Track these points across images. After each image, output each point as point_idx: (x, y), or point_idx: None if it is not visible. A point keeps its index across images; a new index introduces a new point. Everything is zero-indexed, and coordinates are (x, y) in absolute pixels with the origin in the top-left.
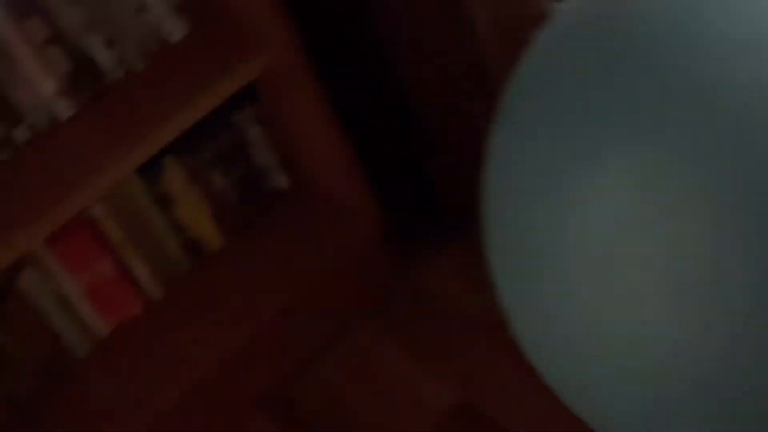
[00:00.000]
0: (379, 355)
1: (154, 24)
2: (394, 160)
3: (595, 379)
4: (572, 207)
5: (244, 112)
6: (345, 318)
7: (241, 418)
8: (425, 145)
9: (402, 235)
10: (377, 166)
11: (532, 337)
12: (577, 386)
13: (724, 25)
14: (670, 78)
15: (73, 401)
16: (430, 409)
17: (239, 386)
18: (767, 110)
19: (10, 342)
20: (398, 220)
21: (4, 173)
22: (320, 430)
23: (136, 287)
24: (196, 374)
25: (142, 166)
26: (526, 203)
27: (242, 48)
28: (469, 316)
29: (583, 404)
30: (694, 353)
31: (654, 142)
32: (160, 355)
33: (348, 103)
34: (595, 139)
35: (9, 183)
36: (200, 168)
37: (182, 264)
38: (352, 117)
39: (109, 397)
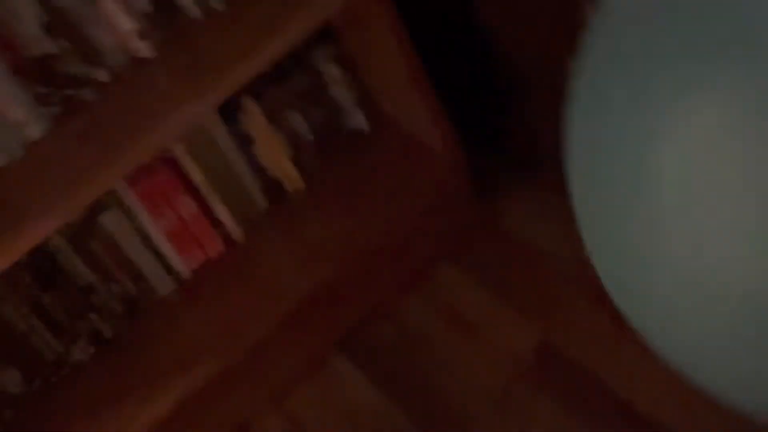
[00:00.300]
0: (460, 296)
1: None
2: (477, 100)
3: (682, 318)
4: (661, 141)
5: (322, 51)
6: (427, 259)
7: (321, 357)
8: (509, 85)
9: (485, 175)
10: (459, 106)
11: (615, 278)
12: (661, 326)
13: None
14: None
15: (156, 338)
16: (512, 350)
17: (319, 326)
18: None
19: (95, 281)
20: (481, 160)
21: (86, 113)
22: (399, 371)
23: (217, 227)
24: (276, 313)
25: (222, 106)
26: (613, 138)
27: None
28: (551, 258)
29: (670, 347)
30: None
31: (758, 70)
32: (240, 294)
33: (430, 42)
34: (690, 70)
35: (91, 122)
36: (279, 108)
37: (263, 204)
38: (433, 56)
39: (191, 334)
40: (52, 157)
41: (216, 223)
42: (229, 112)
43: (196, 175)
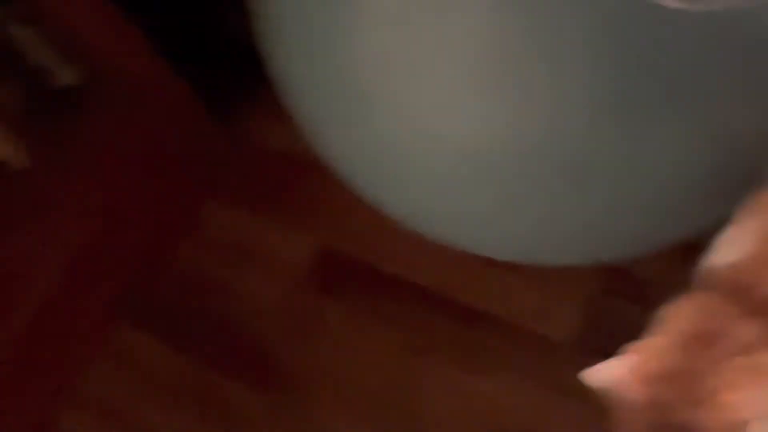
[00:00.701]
0: (229, 226)
1: None
2: (182, 23)
3: (404, 177)
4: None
5: (6, 13)
6: (183, 199)
7: (104, 331)
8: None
9: (219, 98)
10: (165, 35)
11: (332, 145)
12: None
13: None
14: None
15: None
16: (294, 263)
17: (92, 299)
18: None
19: None
20: (205, 84)
21: None
22: (190, 321)
23: None
24: (39, 298)
25: None
26: None
27: None
28: (309, 163)
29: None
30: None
31: None
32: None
33: None
34: None
35: None
36: None
37: None
38: None
39: None
40: None
41: None
42: None
43: None
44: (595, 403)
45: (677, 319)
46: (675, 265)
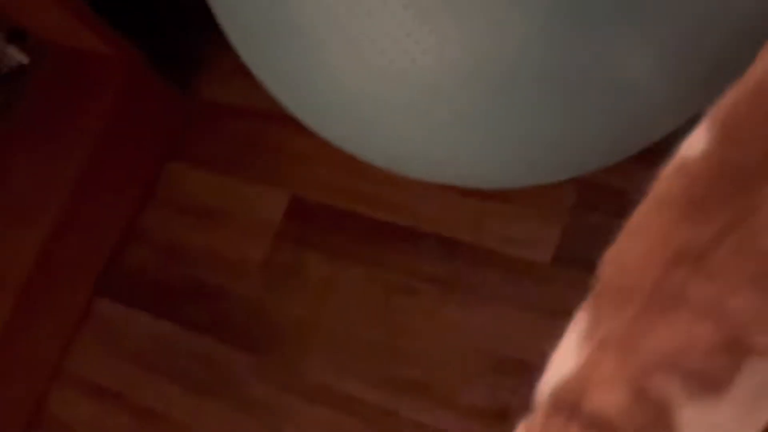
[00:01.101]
0: (196, 188)
1: None
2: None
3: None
4: None
5: None
6: (148, 166)
7: (82, 308)
8: None
9: (169, 60)
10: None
11: (284, 86)
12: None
13: None
14: None
15: None
16: (265, 219)
17: (66, 279)
18: None
19: None
20: (158, 47)
21: None
22: (166, 287)
23: None
24: (16, 278)
25: None
26: None
27: None
28: (268, 115)
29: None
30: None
31: None
32: None
33: None
34: None
35: None
36: None
37: None
38: None
39: None
40: None
41: None
42: None
43: None
44: None
45: None
46: (647, 170)
